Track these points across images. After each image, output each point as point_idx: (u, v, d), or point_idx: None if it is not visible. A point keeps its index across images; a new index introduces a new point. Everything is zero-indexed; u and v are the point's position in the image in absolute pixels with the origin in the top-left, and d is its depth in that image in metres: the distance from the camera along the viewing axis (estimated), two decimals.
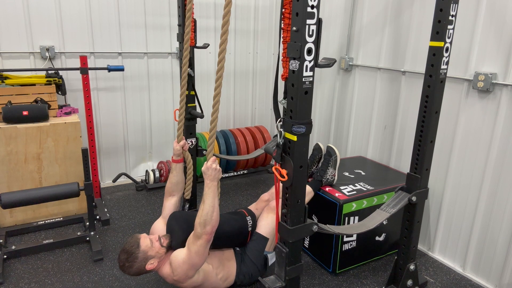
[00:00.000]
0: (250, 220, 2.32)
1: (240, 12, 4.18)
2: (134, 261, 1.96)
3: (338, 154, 2.66)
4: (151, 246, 2.01)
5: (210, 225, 1.89)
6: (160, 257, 2.03)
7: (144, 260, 1.98)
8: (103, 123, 3.74)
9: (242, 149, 4.07)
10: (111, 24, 3.55)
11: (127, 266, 1.98)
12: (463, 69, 2.52)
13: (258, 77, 4.53)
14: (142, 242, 2.00)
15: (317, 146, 2.74)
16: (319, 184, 2.61)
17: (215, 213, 1.92)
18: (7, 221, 3.01)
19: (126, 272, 2.02)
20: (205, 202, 1.92)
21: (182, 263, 1.94)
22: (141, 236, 2.03)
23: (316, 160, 2.73)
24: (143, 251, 1.97)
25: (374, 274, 2.62)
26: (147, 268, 2.00)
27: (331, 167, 2.63)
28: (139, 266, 1.98)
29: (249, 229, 2.29)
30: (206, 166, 1.94)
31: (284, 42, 1.67)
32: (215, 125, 1.94)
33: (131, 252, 1.97)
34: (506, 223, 2.37)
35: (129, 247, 1.99)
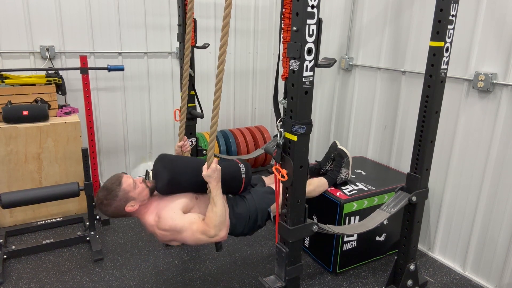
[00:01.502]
0: (243, 167, 2.16)
1: (240, 12, 4.18)
2: (113, 199, 1.85)
3: (350, 156, 2.66)
4: (134, 187, 1.89)
5: (226, 227, 1.85)
6: (142, 201, 1.91)
7: (124, 200, 1.87)
8: (103, 123, 3.73)
9: (242, 149, 4.07)
10: (111, 24, 3.55)
11: (105, 204, 1.87)
12: (463, 69, 2.52)
13: (258, 77, 4.53)
14: (124, 181, 1.88)
15: (334, 143, 2.74)
16: (333, 181, 2.63)
17: (227, 213, 1.89)
18: (7, 221, 3.01)
19: (103, 211, 1.90)
20: (217, 204, 1.85)
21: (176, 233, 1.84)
22: (123, 175, 1.91)
23: (331, 158, 2.73)
24: (124, 189, 1.86)
25: (374, 274, 2.62)
26: (127, 210, 1.88)
27: (344, 167, 2.65)
28: (118, 205, 1.87)
29: (243, 176, 2.13)
30: (211, 168, 1.86)
31: (284, 42, 1.67)
32: (215, 129, 1.89)
33: (111, 189, 1.85)
34: (506, 223, 2.37)
35: (110, 184, 1.87)
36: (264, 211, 2.16)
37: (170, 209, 1.89)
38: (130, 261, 2.69)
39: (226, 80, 4.30)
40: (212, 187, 1.88)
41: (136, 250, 2.82)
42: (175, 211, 1.88)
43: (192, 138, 2.87)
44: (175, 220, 1.84)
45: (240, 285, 2.49)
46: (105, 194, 1.87)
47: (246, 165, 2.20)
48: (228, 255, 2.79)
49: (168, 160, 2.02)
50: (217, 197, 1.86)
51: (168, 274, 2.57)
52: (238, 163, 2.17)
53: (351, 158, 2.69)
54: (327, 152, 2.76)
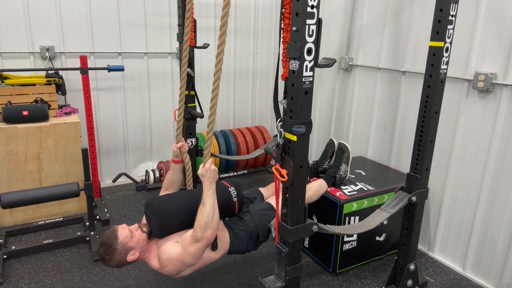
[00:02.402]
0: (233, 190, 2.16)
1: (240, 12, 4.18)
2: (113, 253, 1.88)
3: (350, 151, 2.66)
4: (131, 236, 1.90)
5: (212, 228, 1.83)
6: (142, 247, 1.94)
7: (124, 252, 1.89)
8: (103, 123, 3.74)
9: (242, 149, 4.07)
10: (111, 24, 3.55)
11: (107, 259, 1.89)
12: (463, 69, 2.52)
13: (258, 77, 4.53)
14: (120, 234, 1.90)
15: (331, 141, 2.74)
16: (333, 179, 2.63)
17: (216, 215, 1.86)
18: (7, 221, 3.01)
19: (107, 265, 1.93)
20: (206, 204, 1.84)
21: (174, 261, 1.86)
22: (118, 228, 1.93)
23: (328, 155, 2.73)
24: (122, 242, 1.88)
25: (374, 274, 2.62)
26: (129, 260, 1.91)
27: (344, 163, 2.64)
28: (119, 258, 1.89)
29: (234, 199, 2.14)
30: (205, 168, 1.86)
31: (284, 42, 1.67)
32: (212, 128, 1.89)
33: (109, 245, 1.88)
34: (506, 223, 2.37)
35: (107, 239, 1.89)
36: (264, 228, 2.18)
37: (164, 245, 1.92)
38: None
39: (226, 80, 4.30)
40: (205, 186, 1.87)
41: None
42: (168, 245, 1.91)
43: (192, 138, 2.87)
44: (168, 252, 1.87)
45: (240, 285, 2.49)
46: (104, 249, 1.89)
47: (236, 186, 2.20)
48: (228, 255, 2.78)
49: (155, 206, 2.02)
50: (207, 197, 1.85)
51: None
52: (228, 187, 2.17)
53: (351, 153, 2.68)
54: (324, 150, 2.75)
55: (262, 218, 2.19)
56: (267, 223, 2.18)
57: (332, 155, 2.72)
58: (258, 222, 2.16)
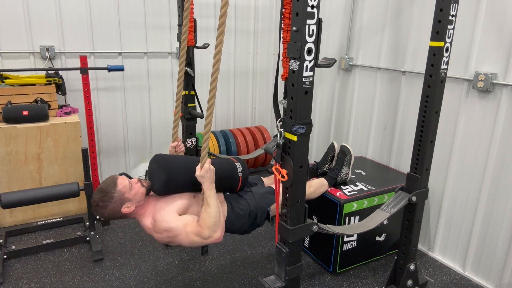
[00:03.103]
0: (239, 166, 2.15)
1: (240, 12, 4.18)
2: (109, 201, 1.84)
3: (352, 154, 2.67)
4: (130, 188, 1.87)
5: (220, 229, 1.82)
6: (138, 202, 1.90)
7: (120, 202, 1.85)
8: (103, 123, 3.73)
9: (242, 149, 4.07)
10: (111, 24, 3.55)
11: (101, 206, 1.85)
12: (463, 69, 2.52)
13: (258, 77, 4.53)
14: (119, 182, 1.87)
15: (332, 145, 2.74)
16: (334, 181, 2.63)
17: (222, 214, 1.86)
18: (7, 221, 3.01)
19: (99, 213, 1.89)
20: (210, 204, 1.82)
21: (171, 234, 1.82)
22: (118, 177, 1.90)
23: (329, 159, 2.73)
24: (120, 191, 1.85)
25: (374, 274, 2.62)
26: (123, 211, 1.87)
27: (346, 166, 2.64)
28: (113, 207, 1.86)
29: (240, 174, 2.12)
30: (205, 169, 1.83)
31: (284, 42, 1.67)
32: (209, 128, 1.87)
33: (106, 191, 1.84)
34: (506, 223, 2.37)
35: (105, 186, 1.86)
36: (263, 210, 2.15)
37: (165, 211, 1.88)
38: (130, 261, 2.69)
39: (226, 80, 4.30)
40: (206, 187, 1.85)
41: (136, 250, 2.82)
42: (170, 214, 1.87)
43: (192, 138, 2.87)
44: (169, 223, 1.83)
45: (240, 285, 2.49)
46: (100, 196, 1.85)
47: (243, 164, 2.18)
48: (228, 255, 2.79)
49: (164, 160, 2.00)
50: (210, 198, 1.83)
51: (168, 274, 2.57)
52: (234, 162, 2.16)
53: (353, 156, 2.69)
54: (325, 153, 2.76)
55: (263, 199, 2.17)
56: (267, 206, 2.16)
57: (333, 158, 2.73)
58: (258, 203, 2.14)
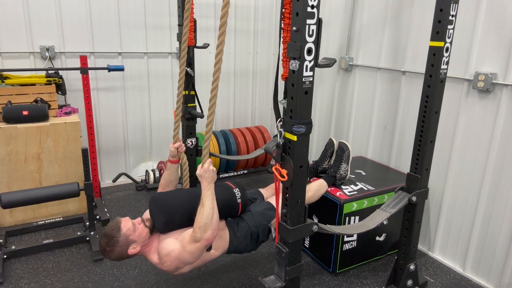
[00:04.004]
0: (238, 192, 2.17)
1: (240, 12, 4.18)
2: (115, 245, 1.87)
3: (351, 150, 2.66)
4: (133, 229, 1.91)
5: (211, 229, 1.82)
6: (143, 242, 1.94)
7: (126, 245, 1.89)
8: (103, 123, 3.74)
9: (242, 149, 4.07)
10: (111, 24, 3.55)
11: (108, 251, 1.89)
12: (463, 69, 2.52)
13: (258, 77, 4.53)
14: (123, 226, 1.89)
15: (330, 141, 2.74)
16: (333, 179, 2.62)
17: (215, 215, 1.85)
18: (7, 221, 3.01)
19: (107, 257, 1.93)
20: (205, 204, 1.83)
21: (173, 258, 1.86)
22: (122, 220, 1.93)
23: (328, 155, 2.73)
24: (124, 234, 1.88)
25: (374, 274, 2.62)
26: (129, 253, 1.91)
27: (344, 162, 2.64)
28: (120, 250, 1.89)
29: (239, 200, 2.15)
30: (204, 168, 1.85)
31: (284, 42, 1.67)
32: (210, 128, 1.88)
33: (111, 236, 1.87)
34: (506, 223, 2.37)
35: (110, 230, 1.89)
36: (264, 227, 2.18)
37: (165, 241, 1.92)
38: (130, 261, 2.69)
39: (226, 80, 4.30)
40: (203, 187, 1.87)
41: None
42: (168, 241, 1.91)
43: (192, 138, 2.87)
44: (167, 248, 1.87)
45: (240, 285, 2.49)
46: (106, 241, 1.89)
47: (241, 188, 2.21)
48: (228, 255, 2.79)
49: (161, 202, 2.03)
50: (206, 198, 1.85)
51: (168, 274, 2.56)
52: (233, 188, 2.18)
53: (351, 151, 2.68)
54: (323, 150, 2.75)
55: (262, 217, 2.19)
56: (267, 223, 2.18)
57: (332, 154, 2.72)
58: (258, 221, 2.17)
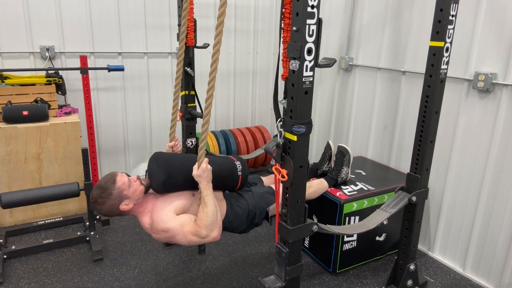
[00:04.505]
0: (239, 165, 2.14)
1: (240, 12, 4.18)
2: (107, 197, 1.85)
3: (351, 153, 2.67)
4: (128, 185, 1.88)
5: (218, 227, 1.82)
6: (136, 199, 1.91)
7: (119, 199, 1.86)
8: (103, 123, 3.73)
9: (242, 149, 4.07)
10: (111, 24, 3.55)
11: (99, 202, 1.86)
12: (463, 69, 2.52)
13: (258, 77, 4.53)
14: (118, 179, 1.87)
15: (327, 144, 2.74)
16: (334, 182, 2.63)
17: (219, 214, 1.86)
18: (7, 221, 3.01)
19: (98, 209, 1.90)
20: (208, 204, 1.82)
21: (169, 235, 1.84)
22: (118, 174, 1.91)
23: (326, 158, 2.73)
24: (119, 188, 1.85)
25: (374, 274, 2.62)
26: (121, 208, 1.88)
27: (345, 166, 2.65)
28: (112, 204, 1.86)
29: (239, 173, 2.12)
30: (202, 168, 1.83)
31: (284, 42, 1.67)
32: (206, 128, 1.87)
33: (105, 188, 1.85)
34: (506, 223, 2.37)
35: (104, 182, 1.86)
36: (262, 210, 2.16)
37: (163, 212, 1.88)
38: (130, 261, 2.70)
39: (226, 80, 4.30)
40: (203, 187, 1.85)
41: (136, 250, 2.82)
42: (168, 214, 1.87)
43: (192, 138, 2.87)
44: (166, 224, 1.84)
45: (240, 285, 2.49)
46: (99, 192, 1.86)
47: (243, 162, 2.18)
48: (228, 255, 2.79)
49: (163, 159, 2.00)
50: (207, 197, 1.84)
51: (168, 274, 2.57)
52: (234, 161, 2.16)
53: (352, 155, 2.68)
54: (323, 153, 2.76)
55: (262, 199, 2.17)
56: (266, 206, 2.17)
57: (330, 157, 2.72)
58: (257, 202, 2.15)
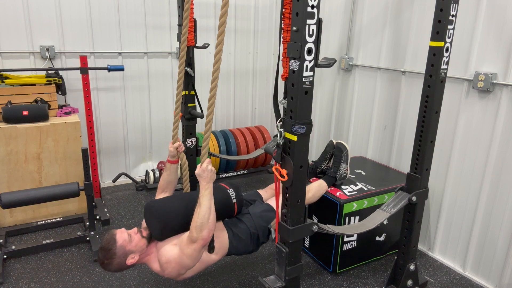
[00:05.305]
0: (232, 192, 2.17)
1: (240, 12, 4.18)
2: (112, 257, 1.87)
3: (349, 149, 2.66)
4: (130, 240, 1.91)
5: (207, 229, 1.82)
6: (141, 251, 1.94)
7: (124, 256, 1.89)
8: (103, 123, 3.74)
9: (242, 149, 4.07)
10: (111, 24, 3.55)
11: (106, 264, 1.89)
12: (463, 69, 2.52)
13: (258, 77, 4.53)
14: (118, 238, 1.90)
15: (331, 142, 2.74)
16: (333, 180, 2.63)
17: (212, 215, 1.85)
18: (7, 221, 3.01)
19: (107, 270, 1.93)
20: (202, 204, 1.83)
21: (173, 264, 1.87)
22: (117, 232, 1.93)
23: (327, 157, 2.72)
24: (121, 246, 1.88)
25: (374, 274, 2.62)
26: (128, 263, 1.91)
27: (344, 162, 2.64)
28: (119, 262, 1.89)
29: (234, 200, 2.15)
30: (202, 168, 1.85)
31: (284, 42, 1.67)
32: (209, 128, 1.88)
33: (108, 249, 1.88)
34: (506, 223, 2.37)
35: (106, 243, 1.89)
36: (264, 229, 2.18)
37: (163, 249, 1.92)
38: None
39: (226, 80, 4.30)
40: (201, 186, 1.87)
41: None
42: (166, 248, 1.91)
43: (192, 138, 2.87)
44: (167, 255, 1.87)
45: (240, 285, 2.49)
46: (104, 254, 1.89)
47: (236, 188, 2.20)
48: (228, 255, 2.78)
49: (155, 209, 2.02)
50: (203, 197, 1.85)
51: None
52: (227, 189, 2.18)
53: (350, 151, 2.68)
54: (323, 151, 2.75)
55: (261, 219, 2.19)
56: (266, 224, 2.19)
57: (332, 156, 2.72)
58: (257, 223, 2.17)
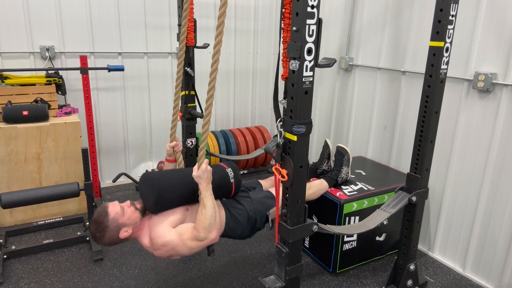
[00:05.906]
0: (231, 171, 2.13)
1: (240, 12, 4.18)
2: (104, 230, 1.84)
3: (350, 153, 2.66)
4: (122, 213, 1.87)
5: (216, 229, 1.82)
6: (135, 224, 1.90)
7: (116, 229, 1.85)
8: (103, 123, 3.74)
9: (242, 149, 4.07)
10: (111, 24, 3.55)
11: (98, 237, 1.86)
12: (463, 69, 2.52)
13: (258, 77, 4.53)
14: (110, 210, 1.86)
15: (325, 143, 2.73)
16: (334, 182, 2.63)
17: (218, 215, 1.85)
18: (7, 221, 3.01)
19: (100, 243, 1.90)
20: (206, 205, 1.82)
21: (169, 248, 1.83)
22: (109, 204, 1.89)
23: (325, 157, 2.72)
24: (113, 219, 1.84)
25: (374, 274, 2.62)
26: (121, 237, 1.87)
27: (345, 166, 2.64)
28: (111, 235, 1.86)
29: (232, 180, 2.11)
30: (201, 169, 1.83)
31: (284, 42, 1.67)
32: (207, 128, 1.87)
33: (100, 222, 1.84)
34: (506, 223, 2.37)
35: (97, 216, 1.86)
36: (262, 214, 2.16)
37: (160, 228, 1.88)
38: (130, 261, 2.69)
39: (226, 80, 4.30)
40: (202, 188, 1.85)
41: (136, 250, 2.82)
42: (164, 229, 1.87)
43: (192, 138, 2.87)
44: (164, 238, 1.84)
45: (240, 285, 2.50)
46: (95, 227, 1.86)
47: (234, 168, 2.17)
48: (228, 255, 2.79)
49: (151, 179, 1.98)
50: (206, 199, 1.83)
51: (168, 274, 2.57)
52: (225, 168, 2.14)
53: (351, 154, 2.68)
54: (321, 152, 2.75)
55: (261, 204, 2.17)
56: (265, 210, 2.17)
57: (329, 156, 2.72)
58: (257, 207, 2.15)
